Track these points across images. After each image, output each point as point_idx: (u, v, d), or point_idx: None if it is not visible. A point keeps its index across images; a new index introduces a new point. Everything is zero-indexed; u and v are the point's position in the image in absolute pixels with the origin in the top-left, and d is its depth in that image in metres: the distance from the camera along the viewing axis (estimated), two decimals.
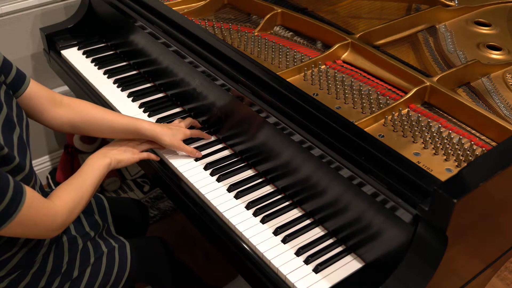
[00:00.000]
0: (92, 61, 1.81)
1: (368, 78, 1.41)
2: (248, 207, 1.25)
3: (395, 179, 1.03)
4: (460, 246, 1.03)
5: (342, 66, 1.46)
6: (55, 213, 1.10)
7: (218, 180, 1.33)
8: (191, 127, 1.47)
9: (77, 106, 1.34)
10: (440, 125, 1.25)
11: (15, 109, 1.14)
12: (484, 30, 1.62)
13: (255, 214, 1.23)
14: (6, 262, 1.15)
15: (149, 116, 1.55)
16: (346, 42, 1.47)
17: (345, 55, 1.48)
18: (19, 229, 1.03)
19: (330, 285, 1.09)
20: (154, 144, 1.39)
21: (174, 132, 1.37)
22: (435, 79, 1.32)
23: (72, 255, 1.29)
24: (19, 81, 1.22)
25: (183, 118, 1.53)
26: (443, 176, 1.03)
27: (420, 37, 1.59)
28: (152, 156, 1.38)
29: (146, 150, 1.38)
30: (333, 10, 1.74)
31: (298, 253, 1.14)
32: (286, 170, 1.26)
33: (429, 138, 1.21)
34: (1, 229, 0.99)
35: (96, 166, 1.25)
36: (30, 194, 1.03)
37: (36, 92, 1.26)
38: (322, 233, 1.20)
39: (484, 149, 1.18)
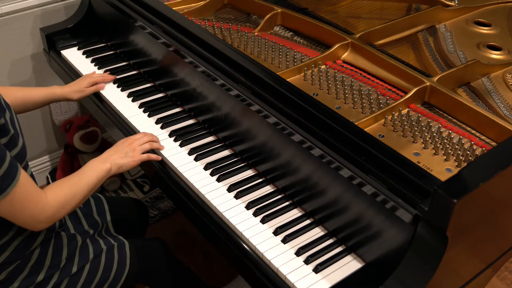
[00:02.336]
0: (92, 61, 1.81)
1: (368, 78, 1.41)
2: (248, 207, 1.25)
3: (395, 179, 1.03)
4: (460, 246, 1.03)
5: (342, 66, 1.46)
6: (45, 204, 1.11)
7: (218, 180, 1.33)
8: None
9: (8, 92, 1.46)
10: (440, 125, 1.25)
11: (1, 97, 1.15)
12: (484, 30, 1.62)
13: (255, 214, 1.23)
14: (4, 249, 1.16)
15: (149, 116, 1.55)
16: (346, 42, 1.47)
17: (345, 55, 1.48)
18: (7, 207, 1.04)
19: (330, 285, 1.09)
20: (154, 144, 1.39)
21: (77, 86, 1.61)
22: (435, 79, 1.32)
23: (71, 251, 1.29)
24: None
25: (183, 118, 1.53)
26: (443, 176, 1.02)
27: (420, 37, 1.59)
28: (153, 156, 1.38)
29: (146, 152, 1.38)
30: (333, 10, 1.74)
31: (298, 253, 1.14)
32: (286, 170, 1.26)
33: (429, 138, 1.21)
34: None
35: (95, 169, 1.26)
36: (24, 175, 1.06)
37: None
38: (322, 233, 1.20)
39: (484, 149, 1.18)
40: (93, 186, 1.24)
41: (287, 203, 1.27)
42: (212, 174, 1.34)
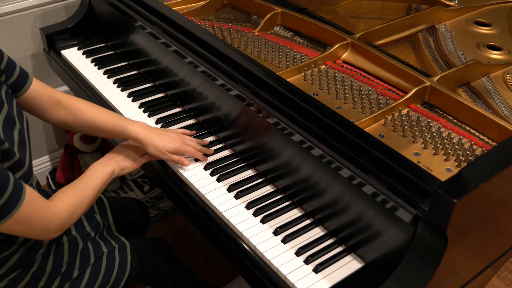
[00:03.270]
0: (92, 61, 1.81)
1: (368, 78, 1.41)
2: (248, 207, 1.25)
3: (395, 179, 1.03)
4: (460, 246, 1.03)
5: (342, 66, 1.46)
6: (54, 214, 1.10)
7: (218, 180, 1.33)
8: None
9: (73, 107, 1.34)
10: (440, 125, 1.25)
11: (15, 107, 1.14)
12: (484, 30, 1.62)
13: (255, 214, 1.23)
14: (5, 261, 1.15)
15: (149, 116, 1.55)
16: (346, 42, 1.47)
17: (345, 55, 1.48)
18: (16, 226, 1.03)
19: (330, 285, 1.09)
20: None
21: (163, 143, 1.32)
22: (435, 79, 1.32)
23: (72, 255, 1.29)
24: (22, 81, 1.24)
25: (183, 118, 1.53)
26: (443, 176, 1.02)
27: (420, 37, 1.59)
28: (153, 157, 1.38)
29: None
30: (333, 10, 1.74)
31: (298, 253, 1.14)
32: (286, 170, 1.26)
33: (429, 138, 1.21)
34: None
35: (98, 172, 1.25)
36: (30, 193, 1.04)
37: (38, 91, 1.29)
38: (322, 233, 1.20)
39: (484, 149, 1.18)
40: (98, 190, 1.24)
41: (287, 203, 1.27)
42: (212, 174, 1.34)
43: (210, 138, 1.47)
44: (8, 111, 1.10)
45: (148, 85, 1.70)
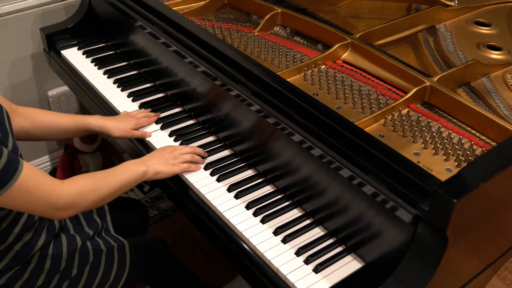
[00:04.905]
0: (92, 61, 1.81)
1: (368, 78, 1.41)
2: (248, 207, 1.25)
3: (395, 179, 1.03)
4: (460, 246, 1.03)
5: (342, 66, 1.46)
6: (61, 191, 1.09)
7: (218, 180, 1.33)
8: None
9: (30, 114, 1.37)
10: (440, 125, 1.25)
11: None
12: (484, 30, 1.62)
13: (255, 214, 1.23)
14: (1, 257, 1.15)
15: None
16: (346, 42, 1.47)
17: (345, 55, 1.48)
18: (17, 200, 1.04)
19: (330, 285, 1.09)
20: (196, 156, 1.35)
21: (122, 124, 1.44)
22: (435, 79, 1.32)
23: (71, 253, 1.29)
24: None
25: (183, 118, 1.54)
26: (443, 176, 1.02)
27: (420, 37, 1.59)
28: (193, 166, 1.34)
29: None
30: (333, 10, 1.74)
31: (298, 253, 1.14)
32: (286, 170, 1.26)
33: (429, 138, 1.21)
34: None
35: (128, 168, 1.23)
36: (29, 166, 1.05)
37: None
38: (322, 233, 1.20)
39: (484, 149, 1.18)
40: (122, 185, 1.20)
41: (287, 203, 1.27)
42: (212, 174, 1.34)
43: (210, 138, 1.47)
44: None
45: (148, 85, 1.70)
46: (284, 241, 1.17)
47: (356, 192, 1.09)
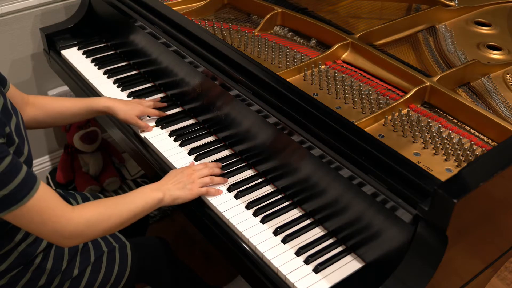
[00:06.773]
0: (92, 61, 1.81)
1: (368, 78, 1.41)
2: (248, 207, 1.25)
3: (395, 179, 1.03)
4: (460, 246, 1.03)
5: (342, 66, 1.46)
6: (69, 219, 1.06)
7: None
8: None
9: (40, 102, 1.39)
10: (440, 125, 1.25)
11: (9, 101, 1.14)
12: (484, 30, 1.62)
13: (255, 214, 1.23)
14: (6, 256, 1.15)
15: (149, 116, 1.55)
16: (346, 42, 1.47)
17: (345, 55, 1.48)
18: (27, 220, 1.02)
19: (330, 285, 1.09)
20: (215, 179, 1.29)
21: (129, 108, 1.46)
22: (435, 79, 1.32)
23: (73, 254, 1.29)
24: (3, 82, 1.24)
25: (183, 118, 1.53)
26: (443, 176, 1.03)
27: (420, 37, 1.59)
28: (212, 191, 1.28)
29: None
30: (333, 10, 1.74)
31: (298, 253, 1.14)
32: (286, 170, 1.26)
33: (429, 138, 1.21)
34: (9, 211, 0.99)
35: (144, 195, 1.19)
36: (46, 189, 1.03)
37: (14, 92, 1.31)
38: (322, 233, 1.20)
39: (484, 149, 1.18)
40: (135, 213, 1.16)
41: (287, 203, 1.27)
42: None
43: (210, 138, 1.47)
44: (4, 103, 1.10)
45: (148, 85, 1.70)
46: (284, 241, 1.17)
47: (356, 192, 1.09)
